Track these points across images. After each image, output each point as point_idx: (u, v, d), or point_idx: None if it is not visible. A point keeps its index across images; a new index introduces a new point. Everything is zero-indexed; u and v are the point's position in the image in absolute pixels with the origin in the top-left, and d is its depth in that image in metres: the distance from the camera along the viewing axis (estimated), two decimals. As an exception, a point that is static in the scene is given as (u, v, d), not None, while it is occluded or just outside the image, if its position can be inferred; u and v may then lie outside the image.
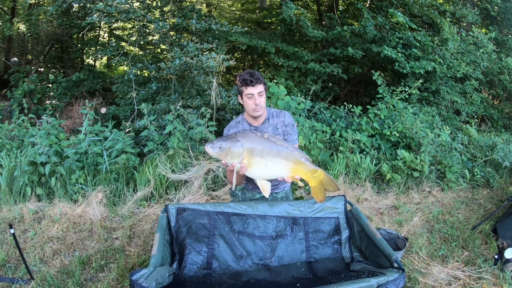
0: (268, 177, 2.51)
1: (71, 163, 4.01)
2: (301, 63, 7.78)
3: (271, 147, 2.43)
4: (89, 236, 3.36)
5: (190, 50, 5.61)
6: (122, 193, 4.07)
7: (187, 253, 2.62)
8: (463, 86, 7.75)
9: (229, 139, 2.39)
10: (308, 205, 3.03)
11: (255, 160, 2.41)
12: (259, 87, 2.60)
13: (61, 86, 7.46)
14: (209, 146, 2.36)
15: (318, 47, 9.25)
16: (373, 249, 2.66)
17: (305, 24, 7.45)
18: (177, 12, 6.43)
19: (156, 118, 5.38)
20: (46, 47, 8.90)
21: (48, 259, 3.05)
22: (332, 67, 7.62)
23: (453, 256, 3.42)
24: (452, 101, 7.51)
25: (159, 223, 2.56)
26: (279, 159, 2.44)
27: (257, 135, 2.47)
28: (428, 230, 3.91)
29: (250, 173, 2.46)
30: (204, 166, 4.50)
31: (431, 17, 8.06)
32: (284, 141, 2.53)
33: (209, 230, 2.78)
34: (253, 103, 2.62)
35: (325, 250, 2.93)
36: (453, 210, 4.43)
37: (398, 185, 4.84)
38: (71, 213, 3.59)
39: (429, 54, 7.19)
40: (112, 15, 5.24)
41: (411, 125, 5.46)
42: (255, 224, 2.88)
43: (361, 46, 7.71)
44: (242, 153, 2.37)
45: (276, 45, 7.94)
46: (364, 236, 2.84)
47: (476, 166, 5.59)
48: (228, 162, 2.37)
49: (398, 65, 6.95)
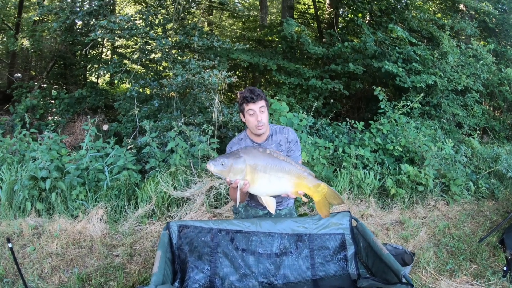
0: (272, 193, 2.46)
1: (72, 179, 3.97)
2: (303, 80, 7.79)
3: (274, 163, 2.40)
4: (89, 253, 3.29)
5: (192, 67, 5.62)
6: (123, 209, 4.01)
7: (189, 271, 2.55)
8: (464, 99, 7.73)
9: (231, 156, 2.36)
10: (313, 222, 2.96)
11: (259, 176, 2.37)
12: (260, 102, 2.57)
13: (63, 102, 7.47)
14: (212, 164, 2.32)
15: (319, 63, 9.29)
16: (380, 265, 2.58)
17: (306, 41, 7.49)
18: (179, 30, 6.47)
19: (158, 135, 5.35)
20: (49, 64, 8.95)
21: (46, 275, 2.99)
22: (334, 83, 7.62)
23: (461, 269, 3.35)
24: (453, 114, 7.48)
25: (160, 240, 2.49)
26: (282, 174, 2.40)
27: (259, 151, 2.44)
28: (435, 244, 3.83)
29: (254, 189, 2.41)
30: (207, 183, 4.44)
31: (430, 31, 8.12)
32: (286, 157, 2.51)
33: (211, 247, 2.71)
34: (255, 120, 2.58)
35: (331, 267, 2.85)
36: (459, 223, 4.36)
37: (402, 200, 4.77)
38: (71, 229, 3.53)
39: (430, 68, 7.20)
40: (115, 32, 5.26)
41: (414, 139, 5.41)
42: (259, 242, 2.81)
43: (362, 62, 7.74)
44: (245, 169, 2.33)
45: (277, 62, 7.97)
46: (370, 252, 2.76)
47: (480, 178, 5.53)
48: (231, 179, 2.33)
49: (399, 80, 6.95)
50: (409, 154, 5.43)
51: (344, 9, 10.15)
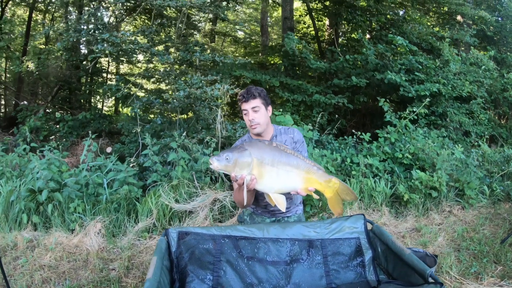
0: (280, 188, 2.19)
1: (70, 192, 3.71)
2: (306, 96, 7.60)
3: (282, 156, 2.16)
4: (84, 266, 3.00)
5: (194, 82, 5.45)
6: (123, 224, 3.71)
7: (189, 281, 2.24)
8: (470, 106, 7.46)
9: (235, 150, 2.12)
10: (324, 226, 2.65)
11: (266, 170, 2.11)
12: (253, 102, 2.43)
13: (67, 125, 7.32)
14: (215, 159, 2.07)
15: (321, 79, 9.14)
16: (402, 268, 2.26)
17: (308, 56, 7.35)
18: (181, 46, 6.35)
19: (161, 152, 5.11)
20: (54, 89, 8.87)
21: (36, 286, 2.72)
22: (337, 98, 7.42)
23: (487, 272, 3.05)
24: (460, 123, 7.19)
25: (157, 247, 2.20)
26: (290, 167, 2.16)
27: (265, 144, 2.20)
28: (455, 248, 3.52)
29: (262, 185, 2.14)
30: (210, 195, 4.16)
31: (430, 42, 7.96)
32: (293, 151, 2.26)
33: (214, 256, 2.40)
34: (248, 119, 2.46)
35: (347, 274, 2.51)
36: (477, 227, 4.05)
37: (416, 207, 4.44)
38: (67, 243, 3.25)
39: (433, 77, 6.99)
40: (117, 45, 5.11)
41: (423, 146, 5.13)
42: (267, 249, 2.49)
43: (364, 75, 7.55)
44: (251, 163, 2.08)
45: (280, 79, 7.81)
46: (390, 255, 2.44)
47: (494, 181, 5.21)
48: (237, 174, 2.08)
49: (403, 90, 6.74)
50: (419, 162, 5.13)
51: (344, 26, 10.07)
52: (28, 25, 9.63)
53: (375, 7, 8.29)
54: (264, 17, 14.70)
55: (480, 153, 5.64)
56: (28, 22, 9.72)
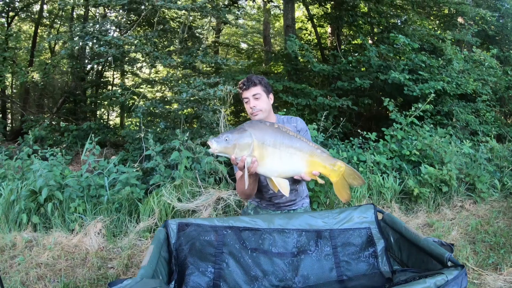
0: (283, 172, 2.02)
1: (72, 192, 3.57)
2: (310, 100, 7.45)
3: (284, 137, 2.00)
4: (81, 264, 2.84)
5: (197, 85, 5.34)
6: (124, 224, 3.54)
7: (189, 273, 2.06)
8: (475, 105, 7.26)
9: (235, 131, 1.97)
10: (333, 216, 2.46)
11: (268, 152, 1.95)
12: (254, 89, 2.36)
13: (72, 135, 7.21)
14: (214, 141, 1.92)
15: (325, 83, 9.01)
16: (418, 255, 2.07)
17: (311, 59, 7.23)
18: (184, 51, 6.26)
19: (164, 157, 4.97)
20: (59, 100, 8.82)
21: (30, 283, 2.58)
22: (342, 101, 7.27)
23: (505, 262, 2.87)
24: (466, 123, 6.98)
25: (155, 236, 2.03)
26: (294, 150, 1.99)
27: (267, 125, 2.04)
28: (470, 241, 3.33)
29: (263, 168, 1.97)
30: (214, 194, 3.98)
31: (432, 43, 7.81)
32: (296, 133, 2.09)
33: (216, 247, 2.22)
34: (249, 107, 2.36)
35: (359, 265, 2.32)
36: (491, 220, 3.84)
37: (427, 203, 4.23)
38: (66, 243, 3.10)
39: (437, 75, 6.81)
40: (120, 47, 5.01)
41: (430, 142, 4.94)
42: (272, 240, 2.31)
43: (368, 77, 7.41)
44: (252, 144, 1.92)
45: (283, 83, 7.69)
46: (404, 244, 2.24)
47: (505, 175, 4.98)
48: (237, 156, 1.91)
49: (407, 89, 6.56)
50: (427, 160, 4.93)
51: (345, 31, 9.98)
52: (34, 39, 9.67)
53: (375, 11, 8.19)
54: (266, 28, 14.70)
55: (488, 147, 5.42)
56: (34, 36, 9.77)
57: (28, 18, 10.40)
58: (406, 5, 8.88)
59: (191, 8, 5.38)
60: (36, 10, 10.31)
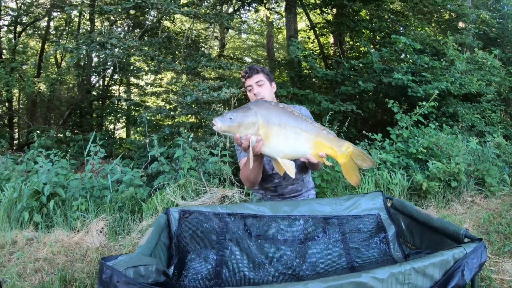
0: (289, 152, 1.91)
1: (75, 191, 3.49)
2: (315, 106, 7.35)
3: (289, 117, 1.90)
4: (81, 259, 2.71)
5: (201, 89, 5.30)
6: (127, 223, 3.43)
7: (190, 259, 1.94)
8: (480, 105, 7.11)
9: (240, 109, 1.89)
10: (340, 202, 2.35)
11: (273, 131, 1.85)
12: (257, 77, 2.37)
13: (77, 145, 7.16)
14: (218, 120, 1.83)
15: (328, 89, 8.94)
16: (432, 237, 1.95)
17: (314, 65, 7.18)
18: (188, 57, 6.25)
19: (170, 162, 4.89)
20: (65, 113, 8.82)
21: (27, 275, 2.46)
22: (346, 105, 7.17)
23: None
24: (472, 124, 6.82)
25: (155, 220, 1.93)
26: (299, 130, 1.88)
27: (272, 104, 1.95)
28: (483, 232, 3.18)
29: (268, 148, 1.87)
30: (218, 192, 3.87)
31: (434, 46, 7.74)
32: (301, 114, 1.99)
33: (219, 234, 2.11)
34: (253, 94, 2.36)
35: (370, 252, 2.19)
36: (503, 212, 3.66)
37: (436, 199, 4.06)
38: (67, 240, 2.98)
39: (440, 76, 6.71)
40: (126, 51, 4.99)
41: (437, 140, 4.81)
42: (277, 227, 2.19)
43: (371, 80, 7.32)
44: (257, 122, 1.82)
45: (287, 90, 7.63)
46: (416, 227, 2.12)
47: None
48: (242, 135, 1.82)
49: (411, 91, 6.45)
50: (434, 158, 4.79)
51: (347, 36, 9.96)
52: (41, 55, 9.76)
53: (376, 16, 8.18)
54: (270, 41, 14.77)
55: (496, 142, 5.27)
56: (41, 51, 9.85)
57: (35, 34, 10.54)
58: (407, 11, 8.86)
59: (195, 14, 5.36)
60: (43, 26, 10.48)
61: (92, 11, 6.21)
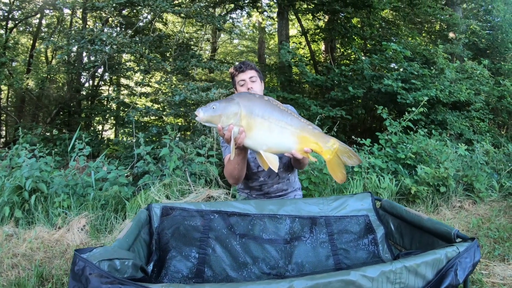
0: (273, 145, 1.82)
1: (58, 188, 3.35)
2: (304, 111, 7.31)
3: (274, 109, 1.82)
4: (60, 256, 2.57)
5: (190, 89, 5.20)
6: (109, 221, 3.29)
7: (170, 257, 1.83)
8: (469, 114, 7.14)
9: (223, 100, 1.82)
10: (328, 203, 2.27)
11: (256, 122, 1.77)
12: (250, 72, 2.34)
13: (64, 143, 6.97)
14: (201, 110, 1.75)
15: (318, 95, 8.91)
16: (422, 237, 1.87)
17: (304, 69, 7.15)
18: (178, 57, 6.15)
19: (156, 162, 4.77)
20: (53, 111, 8.61)
21: (3, 270, 2.35)
22: (335, 111, 7.14)
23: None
24: (461, 131, 6.84)
25: (136, 216, 1.82)
26: (284, 123, 1.80)
27: (256, 96, 1.87)
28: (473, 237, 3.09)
29: (252, 139, 1.78)
30: (203, 192, 3.76)
31: (424, 55, 7.77)
32: (286, 107, 1.92)
33: (201, 232, 2.01)
34: (246, 89, 2.30)
35: (358, 253, 2.10)
36: (492, 217, 3.63)
37: (425, 204, 4.01)
38: (47, 237, 2.84)
39: (429, 84, 6.72)
40: (114, 46, 4.87)
41: (426, 145, 4.78)
42: (263, 225, 2.10)
43: (361, 86, 7.31)
44: (239, 112, 1.75)
45: (277, 94, 7.57)
46: (405, 228, 2.05)
47: (502, 177, 4.79)
48: (224, 125, 1.73)
49: (401, 98, 6.44)
50: (423, 164, 4.75)
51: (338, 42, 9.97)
52: (31, 51, 9.56)
53: (367, 24, 8.19)
54: (261, 46, 14.74)
55: (484, 149, 5.26)
56: (31, 49, 9.65)
57: (27, 31, 10.33)
58: (398, 20, 8.91)
59: (186, 13, 5.28)
60: (35, 23, 10.29)
61: (83, 6, 6.08)
